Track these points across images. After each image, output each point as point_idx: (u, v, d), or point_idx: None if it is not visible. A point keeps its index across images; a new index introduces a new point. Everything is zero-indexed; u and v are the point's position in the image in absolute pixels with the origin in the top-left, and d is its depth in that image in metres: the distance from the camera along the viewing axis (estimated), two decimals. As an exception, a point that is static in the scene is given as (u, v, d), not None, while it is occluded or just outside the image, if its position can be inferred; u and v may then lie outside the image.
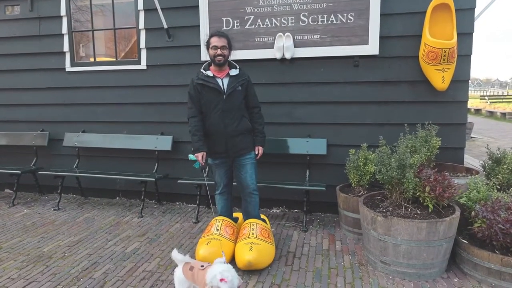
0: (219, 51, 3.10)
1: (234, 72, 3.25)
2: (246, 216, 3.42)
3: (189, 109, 3.26)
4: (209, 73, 3.20)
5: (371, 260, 3.06)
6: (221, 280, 2.04)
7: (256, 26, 4.19)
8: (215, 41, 3.11)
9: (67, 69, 4.94)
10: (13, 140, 5.17)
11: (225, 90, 3.17)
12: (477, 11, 3.79)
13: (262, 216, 3.69)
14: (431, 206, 2.93)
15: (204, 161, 3.20)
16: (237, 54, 4.08)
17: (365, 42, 3.94)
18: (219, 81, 3.19)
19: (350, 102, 4.13)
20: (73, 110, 5.01)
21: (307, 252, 3.35)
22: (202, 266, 2.28)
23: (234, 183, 3.51)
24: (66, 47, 4.89)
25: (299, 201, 4.27)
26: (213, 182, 3.47)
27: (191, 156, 3.27)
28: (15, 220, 4.26)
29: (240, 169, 3.31)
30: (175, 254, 2.43)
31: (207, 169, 3.18)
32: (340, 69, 4.10)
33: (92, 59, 4.95)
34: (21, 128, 5.24)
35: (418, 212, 2.96)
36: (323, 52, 4.06)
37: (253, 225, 3.24)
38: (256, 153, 3.39)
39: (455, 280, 2.83)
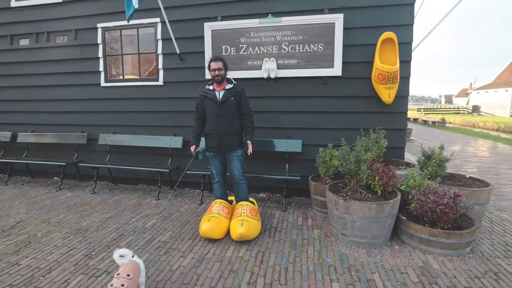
0: (216, 72, 3.10)
1: (229, 86, 3.21)
2: (237, 198, 3.39)
3: (194, 115, 3.34)
4: (210, 87, 3.21)
5: (334, 233, 3.05)
6: None
7: (248, 53, 4.14)
8: (213, 65, 3.10)
9: (101, 85, 4.83)
10: (60, 139, 5.05)
11: (220, 100, 3.14)
12: (414, 44, 3.81)
13: (251, 199, 3.65)
14: (379, 191, 2.93)
15: (195, 152, 3.27)
16: (234, 74, 4.06)
17: (332, 66, 3.92)
18: (217, 93, 3.16)
19: (320, 112, 4.11)
20: (106, 116, 4.91)
21: (285, 227, 3.32)
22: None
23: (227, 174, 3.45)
24: (101, 67, 4.79)
25: (280, 187, 4.26)
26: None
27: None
28: (61, 201, 4.16)
29: (230, 163, 3.27)
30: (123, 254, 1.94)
31: (198, 158, 3.32)
32: (313, 87, 4.07)
33: (121, 77, 4.85)
34: (67, 130, 5.12)
35: (370, 196, 2.95)
36: (300, 73, 4.02)
37: (244, 206, 3.20)
38: (248, 146, 3.21)
39: (396, 247, 2.83)
